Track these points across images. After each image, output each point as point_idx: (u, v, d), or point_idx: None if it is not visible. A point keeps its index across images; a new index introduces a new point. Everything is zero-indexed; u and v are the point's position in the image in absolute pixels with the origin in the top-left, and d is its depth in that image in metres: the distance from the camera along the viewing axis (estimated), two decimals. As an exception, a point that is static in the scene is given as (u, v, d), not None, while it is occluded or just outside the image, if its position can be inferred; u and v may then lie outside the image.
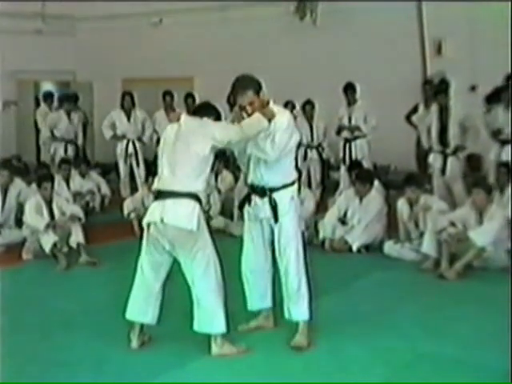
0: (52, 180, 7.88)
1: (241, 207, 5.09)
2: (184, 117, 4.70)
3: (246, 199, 4.95)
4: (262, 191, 4.79)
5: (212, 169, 4.78)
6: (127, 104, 10.91)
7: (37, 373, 4.50)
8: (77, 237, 7.43)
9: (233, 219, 8.99)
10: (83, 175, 10.02)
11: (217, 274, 4.62)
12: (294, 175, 4.90)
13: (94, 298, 6.07)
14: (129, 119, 10.91)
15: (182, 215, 4.49)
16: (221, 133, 4.56)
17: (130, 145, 10.85)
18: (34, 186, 8.11)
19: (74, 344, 4.96)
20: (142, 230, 8.24)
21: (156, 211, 4.57)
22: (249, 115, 4.66)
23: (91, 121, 13.63)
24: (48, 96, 13.18)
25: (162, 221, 4.51)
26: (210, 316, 4.58)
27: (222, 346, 4.64)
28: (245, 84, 4.72)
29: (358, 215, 7.94)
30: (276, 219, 4.76)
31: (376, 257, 7.57)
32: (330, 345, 4.88)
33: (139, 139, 10.91)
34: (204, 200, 9.07)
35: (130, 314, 4.82)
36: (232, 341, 4.73)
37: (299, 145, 10.35)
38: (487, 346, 4.75)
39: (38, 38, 13.77)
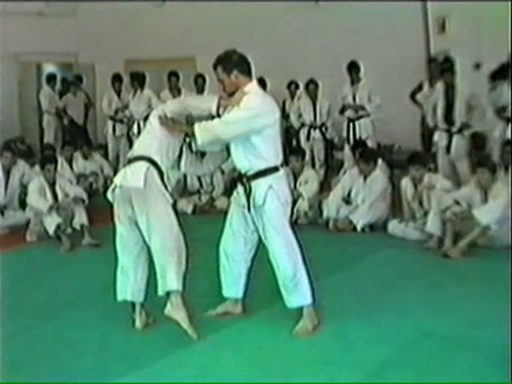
0: (55, 162, 7.88)
1: (230, 192, 5.03)
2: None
3: (233, 185, 4.91)
4: (240, 178, 4.72)
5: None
6: (136, 84, 10.91)
7: (42, 352, 4.52)
8: (80, 218, 7.45)
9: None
10: (86, 157, 10.01)
11: (171, 234, 4.59)
12: (274, 161, 4.64)
13: (98, 278, 6.07)
14: (133, 97, 10.92)
15: (132, 175, 4.62)
16: (170, 103, 4.95)
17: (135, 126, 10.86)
18: (37, 167, 8.11)
19: (79, 324, 4.99)
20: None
21: (115, 179, 4.76)
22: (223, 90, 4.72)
23: (93, 102, 13.59)
24: (51, 77, 13.19)
25: (121, 186, 4.66)
26: (162, 273, 4.55)
27: (177, 310, 4.54)
28: (218, 60, 4.70)
29: (362, 195, 7.93)
30: (249, 208, 4.68)
31: (380, 236, 7.56)
32: (334, 324, 4.87)
33: (145, 119, 10.88)
34: (208, 180, 9.24)
35: (117, 294, 4.86)
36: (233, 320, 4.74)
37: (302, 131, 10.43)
38: (491, 324, 4.74)
39: (40, 19, 13.74)
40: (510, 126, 8.23)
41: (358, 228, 7.75)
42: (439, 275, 6.08)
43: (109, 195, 4.79)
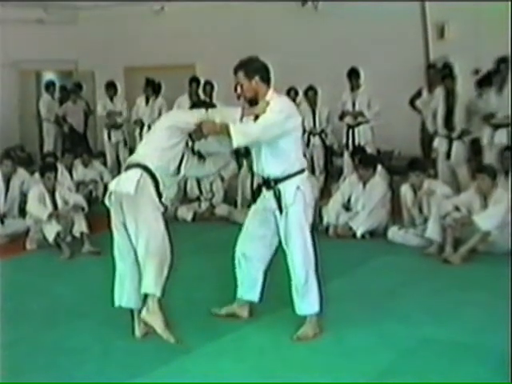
0: (55, 170, 7.88)
1: (254, 199, 5.01)
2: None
3: (258, 190, 4.92)
4: (267, 182, 4.75)
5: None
6: (148, 91, 11.21)
7: (43, 361, 4.51)
8: (80, 226, 7.44)
9: (236, 207, 8.99)
10: (86, 164, 10.01)
11: (156, 239, 4.60)
12: (300, 164, 4.75)
13: (98, 286, 6.04)
14: (147, 104, 11.18)
15: (125, 181, 4.66)
16: (183, 114, 4.97)
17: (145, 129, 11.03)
18: (36, 175, 8.11)
19: (79, 332, 4.98)
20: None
21: (111, 185, 4.79)
22: (239, 97, 4.76)
23: (93, 110, 13.59)
24: (50, 85, 13.19)
25: (114, 191, 4.70)
26: (146, 277, 4.57)
27: (152, 314, 4.55)
28: (240, 64, 4.73)
29: (361, 201, 7.93)
30: (281, 210, 4.69)
31: (380, 242, 7.56)
32: (335, 330, 4.87)
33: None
34: (207, 187, 9.23)
35: (115, 301, 4.88)
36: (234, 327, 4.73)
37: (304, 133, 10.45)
38: (492, 330, 4.73)
39: (40, 27, 13.74)
40: (497, 131, 8.20)
41: (358, 234, 7.75)
42: (439, 281, 6.07)
43: (106, 201, 4.82)
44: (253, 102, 4.72)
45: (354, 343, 4.66)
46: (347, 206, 8.04)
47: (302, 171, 4.73)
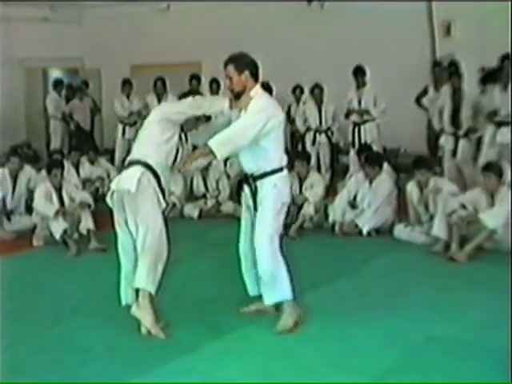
0: (62, 167, 7.89)
1: (238, 195, 5.09)
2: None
3: (238, 186, 4.98)
4: (246, 178, 4.81)
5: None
6: (159, 89, 11.16)
7: (48, 358, 4.50)
8: (86, 223, 7.46)
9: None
10: (92, 162, 10.02)
11: (153, 235, 4.62)
12: (278, 162, 4.75)
13: (104, 283, 6.05)
14: (159, 102, 11.07)
15: (126, 179, 4.69)
16: (171, 105, 4.88)
17: None
18: (43, 172, 8.13)
19: (86, 329, 4.98)
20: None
21: (112, 183, 4.83)
22: (230, 90, 4.80)
23: (99, 107, 13.63)
24: (58, 83, 13.22)
25: (116, 189, 4.74)
26: (139, 272, 4.62)
27: (142, 309, 4.62)
28: (230, 58, 4.80)
29: (367, 198, 7.92)
30: (255, 207, 4.76)
31: (386, 240, 7.55)
32: (341, 328, 4.87)
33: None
34: (213, 185, 9.26)
35: (121, 299, 4.92)
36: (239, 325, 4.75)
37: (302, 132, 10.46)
38: (498, 328, 4.72)
39: (46, 25, 13.76)
40: (500, 129, 8.17)
41: (364, 232, 7.75)
42: (445, 279, 6.06)
43: (108, 200, 4.84)
44: (240, 95, 4.77)
45: (359, 341, 4.66)
46: (353, 204, 8.03)
47: (280, 169, 4.75)
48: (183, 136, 5.01)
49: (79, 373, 4.26)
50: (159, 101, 11.15)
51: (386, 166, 8.34)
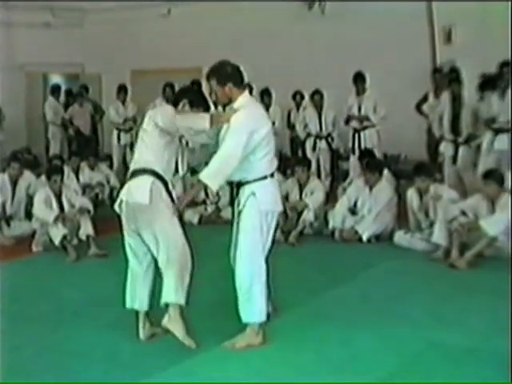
0: (62, 172, 7.89)
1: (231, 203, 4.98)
2: (158, 102, 4.91)
3: (231, 193, 4.91)
4: (230, 186, 4.77)
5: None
6: (168, 94, 11.00)
7: (48, 363, 4.50)
8: (86, 229, 7.45)
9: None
10: (92, 167, 10.02)
11: (176, 247, 4.58)
12: (261, 171, 4.62)
13: (104, 289, 6.08)
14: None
15: (137, 190, 4.62)
16: (162, 118, 4.68)
17: None
18: (43, 178, 8.12)
19: (85, 335, 4.97)
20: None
21: (121, 193, 4.74)
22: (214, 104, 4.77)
23: (104, 111, 13.61)
24: (56, 89, 13.22)
25: (125, 201, 4.66)
26: (167, 286, 4.56)
27: (173, 322, 4.55)
28: (212, 71, 4.68)
29: (367, 205, 7.92)
30: (233, 214, 4.72)
31: (386, 247, 7.55)
32: (341, 334, 4.87)
33: None
34: (214, 191, 9.21)
35: (126, 302, 4.87)
36: (239, 330, 4.74)
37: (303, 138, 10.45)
38: (499, 335, 4.71)
39: (47, 30, 13.80)
40: (498, 136, 8.16)
41: (364, 238, 7.74)
42: (445, 286, 6.05)
43: (116, 208, 4.80)
44: (226, 106, 4.71)
45: (360, 347, 4.65)
46: (353, 210, 8.02)
47: (263, 178, 4.62)
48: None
49: (80, 377, 4.25)
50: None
51: (386, 172, 8.34)
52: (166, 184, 4.70)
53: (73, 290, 6.15)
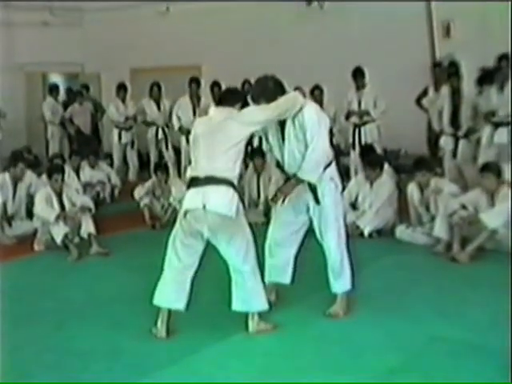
0: (62, 171, 7.89)
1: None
2: (214, 109, 4.84)
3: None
4: (298, 178, 4.93)
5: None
6: (155, 93, 11.52)
7: (52, 362, 4.50)
8: (87, 227, 7.45)
9: (244, 207, 8.96)
10: (93, 166, 10.04)
11: (254, 254, 4.77)
12: (328, 157, 5.07)
13: (106, 287, 6.09)
14: (159, 108, 11.50)
15: (223, 202, 4.58)
16: (258, 114, 4.75)
17: (160, 131, 11.52)
18: (44, 177, 8.13)
19: (87, 334, 4.97)
20: (152, 219, 8.29)
21: (196, 198, 4.61)
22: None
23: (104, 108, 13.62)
24: (54, 88, 13.23)
25: (204, 207, 4.56)
26: (250, 295, 4.73)
27: (259, 324, 4.81)
28: (259, 92, 4.94)
29: (368, 200, 7.92)
30: (317, 201, 4.96)
31: (388, 241, 7.55)
32: (343, 329, 4.88)
33: (167, 126, 11.50)
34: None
35: (161, 301, 4.83)
36: (242, 327, 4.75)
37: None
38: (500, 328, 4.71)
39: (46, 30, 13.81)
40: (498, 130, 8.16)
41: (366, 233, 7.74)
42: (447, 280, 6.06)
43: (180, 216, 4.74)
44: None
45: (362, 342, 4.66)
46: (354, 205, 8.04)
47: (331, 163, 5.11)
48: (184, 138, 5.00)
49: (82, 376, 4.26)
50: (158, 105, 11.42)
51: (386, 167, 8.33)
52: (239, 193, 4.73)
53: (75, 289, 6.15)
